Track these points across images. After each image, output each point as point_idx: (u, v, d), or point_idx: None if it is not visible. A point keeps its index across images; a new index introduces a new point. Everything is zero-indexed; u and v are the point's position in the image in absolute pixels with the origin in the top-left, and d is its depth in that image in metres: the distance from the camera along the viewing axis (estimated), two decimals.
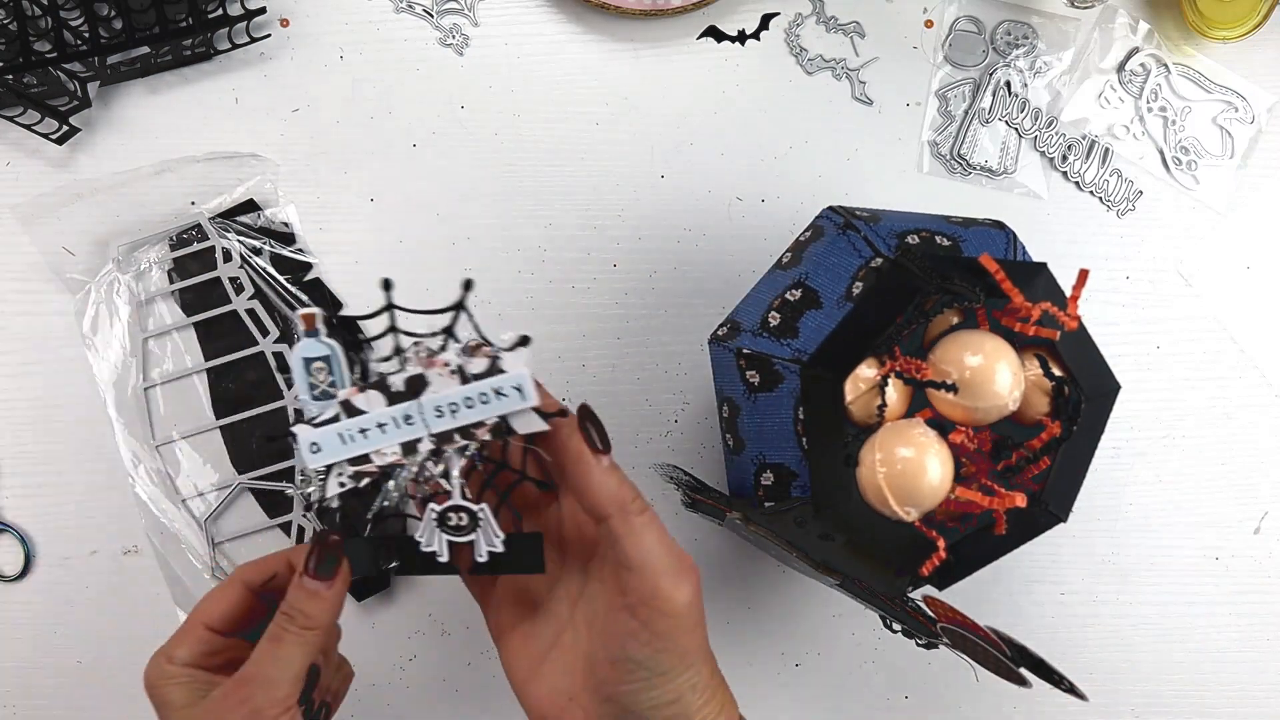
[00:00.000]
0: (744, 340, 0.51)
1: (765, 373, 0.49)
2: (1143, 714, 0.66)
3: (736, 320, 0.53)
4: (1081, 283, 0.46)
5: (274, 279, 0.63)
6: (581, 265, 0.65)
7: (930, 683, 0.66)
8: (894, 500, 0.45)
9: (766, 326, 0.50)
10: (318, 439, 0.45)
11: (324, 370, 0.46)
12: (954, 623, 0.47)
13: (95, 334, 0.63)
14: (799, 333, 0.49)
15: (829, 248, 0.51)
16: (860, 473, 0.46)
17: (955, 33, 0.66)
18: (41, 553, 0.64)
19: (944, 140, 0.66)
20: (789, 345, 0.49)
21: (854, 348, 0.47)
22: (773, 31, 0.66)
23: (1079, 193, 0.66)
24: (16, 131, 0.62)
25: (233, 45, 0.63)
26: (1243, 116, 0.66)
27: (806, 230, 0.54)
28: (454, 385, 0.44)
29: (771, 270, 0.54)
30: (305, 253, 0.64)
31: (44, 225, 0.63)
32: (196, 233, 0.63)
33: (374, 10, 0.65)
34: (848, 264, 0.50)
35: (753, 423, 0.50)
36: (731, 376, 0.51)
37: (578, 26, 0.65)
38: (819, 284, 0.50)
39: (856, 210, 0.53)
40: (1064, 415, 0.48)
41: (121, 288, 0.63)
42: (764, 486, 0.50)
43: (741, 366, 0.50)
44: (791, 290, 0.50)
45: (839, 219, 0.52)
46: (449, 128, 0.65)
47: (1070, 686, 0.47)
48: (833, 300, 0.49)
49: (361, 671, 0.65)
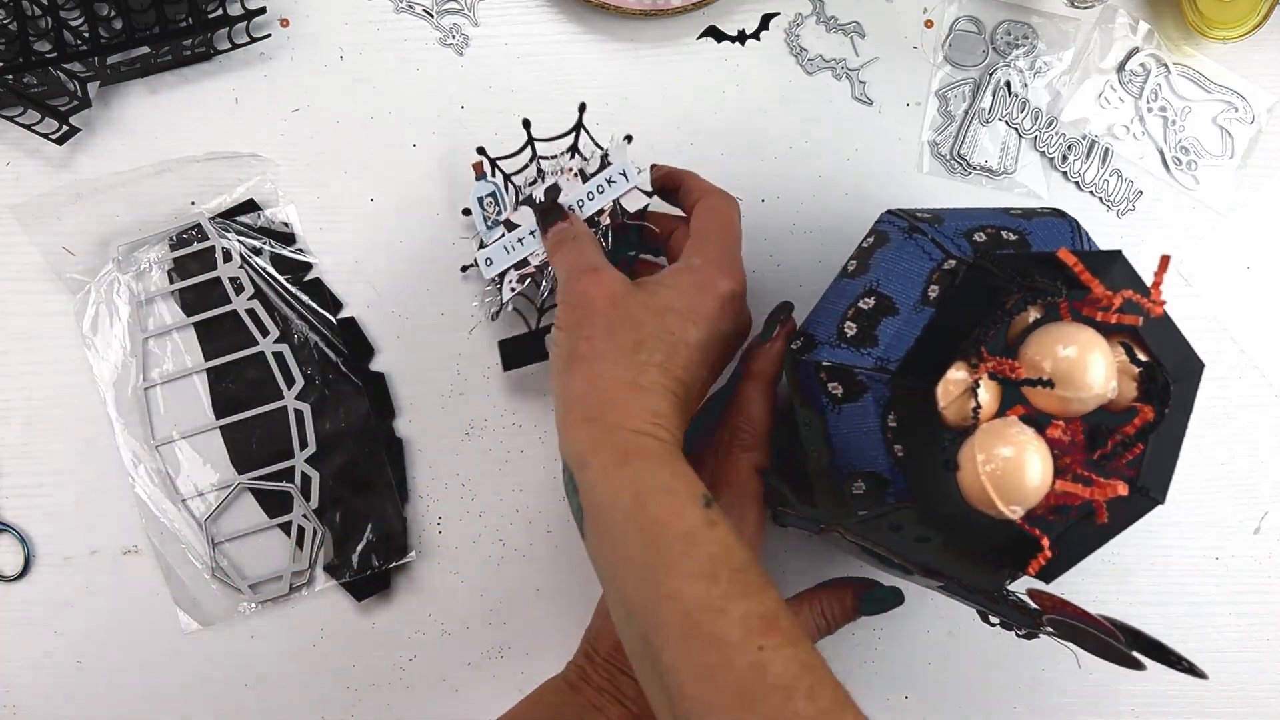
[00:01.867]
0: (822, 353, 0.51)
1: (848, 384, 0.50)
2: (1143, 714, 0.66)
3: (810, 333, 0.53)
4: (1163, 268, 0.46)
5: (274, 279, 0.63)
6: None
7: (930, 683, 0.66)
8: (999, 500, 0.45)
9: (844, 337, 0.51)
10: (490, 255, 0.59)
11: (492, 203, 0.59)
12: (1062, 612, 0.47)
13: (95, 334, 0.63)
14: (878, 341, 0.49)
15: (897, 253, 0.51)
16: (961, 475, 0.46)
17: (955, 33, 0.66)
18: (41, 552, 0.64)
19: (944, 140, 0.66)
20: (869, 354, 0.49)
21: (941, 353, 0.47)
22: (773, 31, 0.66)
23: (1079, 193, 0.66)
24: (16, 131, 0.62)
25: (233, 45, 0.63)
26: (1243, 116, 0.66)
27: (869, 236, 0.54)
28: (578, 185, 0.58)
29: (838, 279, 0.54)
30: (305, 252, 0.64)
31: (44, 225, 0.63)
32: (196, 233, 0.63)
33: (374, 10, 0.65)
34: (919, 268, 0.50)
35: (839, 434, 0.51)
36: (814, 389, 0.52)
37: (578, 26, 0.65)
38: (892, 290, 0.50)
39: (917, 212, 0.53)
40: (1154, 399, 0.48)
41: (121, 288, 0.63)
42: (855, 495, 0.50)
43: (823, 379, 0.51)
44: (864, 298, 0.51)
45: (902, 222, 0.52)
46: (449, 128, 0.65)
47: (1190, 666, 0.47)
48: (909, 305, 0.49)
49: (362, 671, 0.65)
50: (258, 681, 0.64)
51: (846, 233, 0.65)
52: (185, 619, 0.63)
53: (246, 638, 0.64)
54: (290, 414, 0.63)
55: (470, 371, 0.64)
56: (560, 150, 0.60)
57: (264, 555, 0.63)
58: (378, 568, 0.63)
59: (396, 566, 0.63)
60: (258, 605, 0.63)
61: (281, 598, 0.63)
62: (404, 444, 0.64)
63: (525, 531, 0.65)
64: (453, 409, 0.64)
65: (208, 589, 0.63)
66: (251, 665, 0.64)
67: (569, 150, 0.59)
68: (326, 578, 0.63)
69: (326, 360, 0.63)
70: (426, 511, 0.64)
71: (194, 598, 0.63)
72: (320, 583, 0.63)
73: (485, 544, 0.65)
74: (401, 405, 0.64)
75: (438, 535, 0.64)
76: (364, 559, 0.63)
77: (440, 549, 0.65)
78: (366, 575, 0.63)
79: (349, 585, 0.63)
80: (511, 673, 0.64)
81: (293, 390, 0.63)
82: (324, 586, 0.63)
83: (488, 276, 0.60)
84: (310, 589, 0.63)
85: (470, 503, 0.65)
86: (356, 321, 0.64)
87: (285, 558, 0.63)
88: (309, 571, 0.63)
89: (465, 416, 0.65)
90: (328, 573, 0.63)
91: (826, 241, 0.65)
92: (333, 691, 0.64)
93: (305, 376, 0.63)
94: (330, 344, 0.63)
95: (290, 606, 0.64)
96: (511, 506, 0.65)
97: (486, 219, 0.59)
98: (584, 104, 0.59)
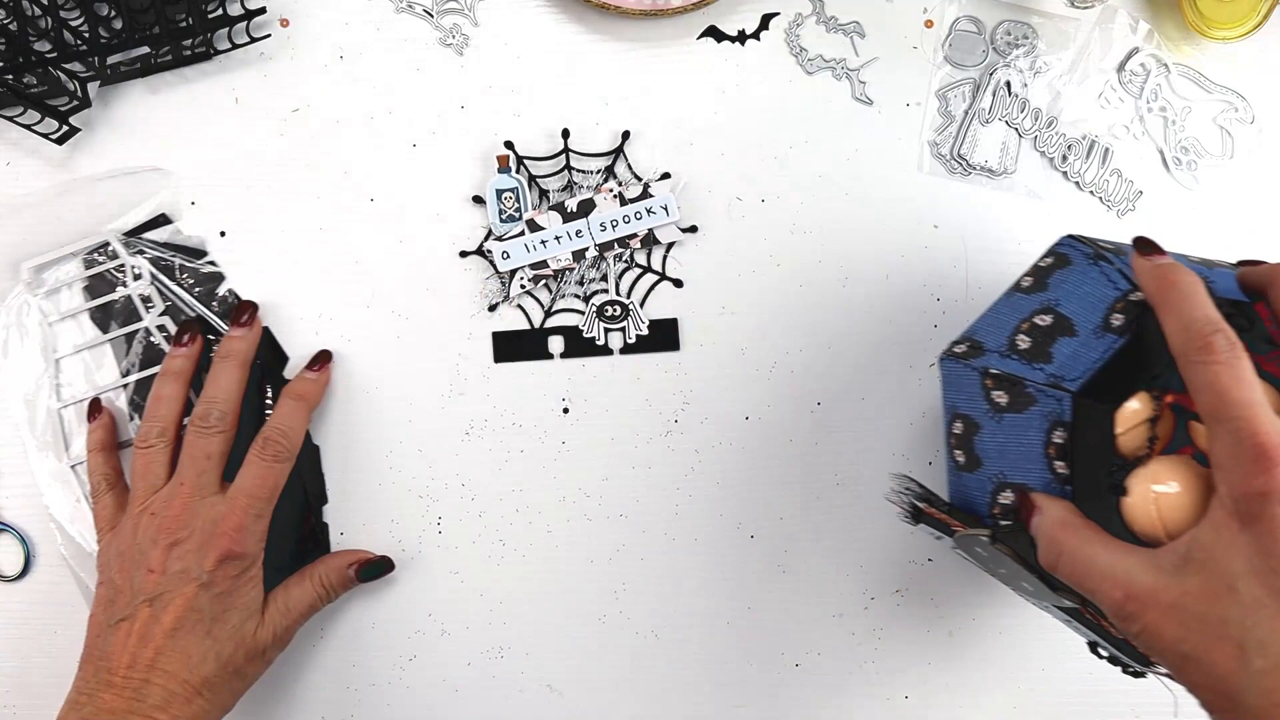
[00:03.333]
0: (990, 360, 0.52)
1: (1015, 394, 0.50)
2: (1143, 714, 0.66)
3: (976, 340, 0.54)
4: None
5: (181, 294, 0.63)
6: None
7: (930, 683, 0.66)
8: (1165, 532, 0.46)
9: (1015, 349, 0.51)
10: (507, 248, 0.62)
11: (512, 199, 0.62)
12: None
13: (5, 356, 0.63)
14: (1052, 358, 0.50)
15: (1081, 277, 0.52)
16: (1129, 502, 0.47)
17: (955, 33, 0.66)
18: (41, 552, 0.64)
19: (944, 140, 0.66)
20: (1042, 369, 0.50)
21: (1126, 380, 0.48)
22: (773, 31, 0.66)
23: (1079, 193, 0.66)
24: (16, 131, 0.62)
25: (233, 45, 0.63)
26: (1243, 116, 0.66)
27: (1047, 257, 0.55)
28: (615, 206, 0.62)
29: (1010, 293, 0.55)
30: (216, 264, 0.64)
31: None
32: (106, 250, 0.63)
33: (374, 10, 0.65)
34: (1102, 294, 0.50)
35: (995, 442, 0.51)
36: (972, 394, 0.52)
37: (578, 26, 0.65)
38: (1071, 311, 0.51)
39: (1100, 241, 0.54)
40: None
41: (32, 309, 0.63)
42: (1001, 505, 0.51)
43: (988, 386, 0.51)
44: (1040, 315, 0.52)
45: (1086, 249, 0.53)
46: (449, 128, 0.65)
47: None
48: (1088, 329, 0.50)
49: (362, 671, 0.65)
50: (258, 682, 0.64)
51: (847, 233, 0.65)
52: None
53: None
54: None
55: (470, 371, 0.64)
56: (595, 169, 0.63)
57: None
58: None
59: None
60: None
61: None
62: (319, 450, 0.64)
63: (525, 531, 0.65)
64: (453, 409, 0.64)
65: None
66: None
67: (603, 171, 0.63)
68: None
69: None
70: (426, 511, 0.65)
71: None
72: None
73: (485, 544, 0.65)
74: (401, 405, 0.64)
75: (438, 535, 0.65)
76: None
77: (440, 549, 0.65)
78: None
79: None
80: (511, 673, 0.64)
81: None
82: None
83: (504, 269, 0.62)
84: None
85: (470, 503, 0.65)
86: (270, 331, 0.64)
87: None
88: None
89: (465, 416, 0.65)
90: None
91: (826, 241, 0.65)
92: (333, 691, 0.64)
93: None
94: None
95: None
96: (511, 506, 0.65)
97: (502, 213, 0.62)
98: (628, 132, 0.63)
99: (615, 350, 0.64)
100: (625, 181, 0.63)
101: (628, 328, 0.64)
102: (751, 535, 0.65)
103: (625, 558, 0.65)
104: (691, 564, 0.65)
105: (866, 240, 0.65)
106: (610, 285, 0.64)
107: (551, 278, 0.63)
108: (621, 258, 0.64)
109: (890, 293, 0.65)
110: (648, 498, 0.65)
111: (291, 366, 0.64)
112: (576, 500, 0.65)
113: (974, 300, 0.65)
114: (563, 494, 0.64)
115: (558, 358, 0.64)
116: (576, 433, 0.65)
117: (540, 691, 0.64)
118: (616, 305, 0.63)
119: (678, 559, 0.65)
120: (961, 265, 0.65)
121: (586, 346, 0.64)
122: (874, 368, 0.65)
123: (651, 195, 0.63)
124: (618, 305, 0.63)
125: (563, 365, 0.65)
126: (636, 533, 0.65)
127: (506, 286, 0.63)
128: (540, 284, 0.63)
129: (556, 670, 0.64)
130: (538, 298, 0.64)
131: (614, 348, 0.64)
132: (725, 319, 0.65)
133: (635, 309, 0.64)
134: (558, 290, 0.63)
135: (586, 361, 0.65)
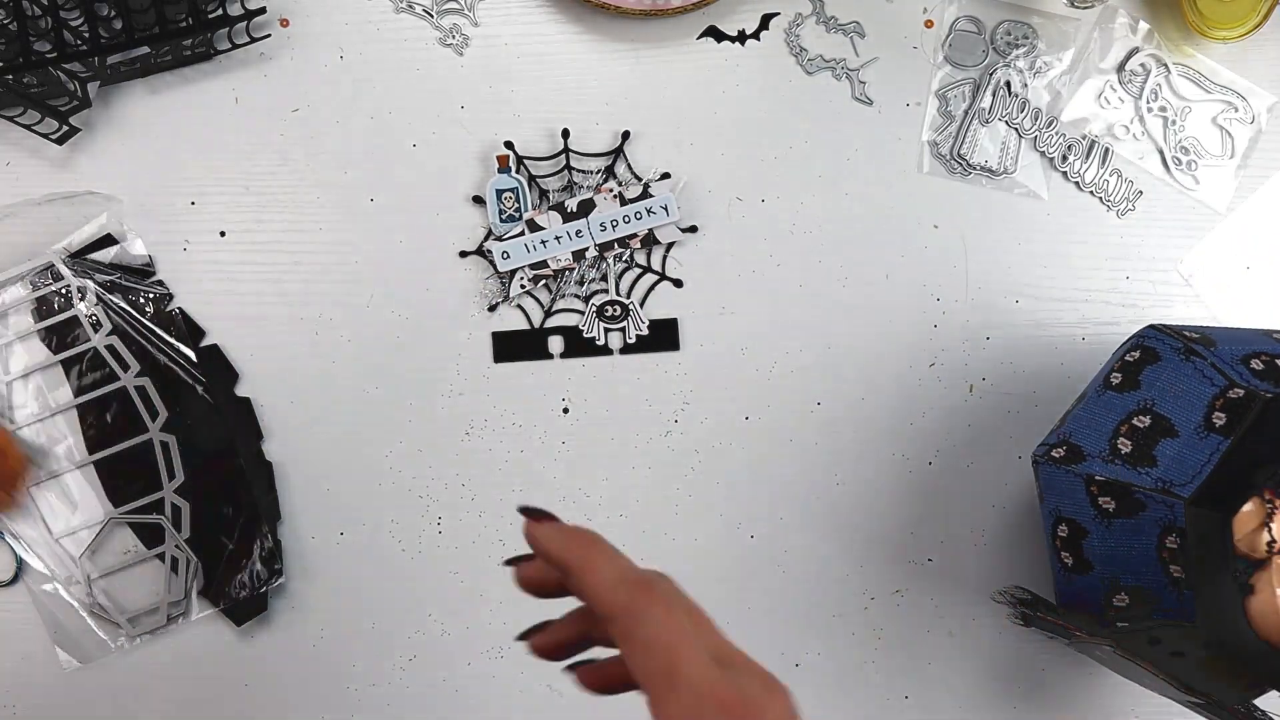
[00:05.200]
0: (1094, 466, 0.52)
1: (1123, 500, 0.50)
2: (1143, 714, 0.66)
3: (1074, 443, 0.54)
4: None
5: (130, 313, 0.63)
6: None
7: (930, 683, 0.66)
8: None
9: (1117, 453, 0.51)
10: (507, 248, 0.62)
11: (512, 199, 0.62)
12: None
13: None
14: (1157, 461, 0.50)
15: (1175, 374, 0.52)
16: (1254, 602, 0.48)
17: (955, 33, 0.66)
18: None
19: (944, 140, 0.66)
20: (1148, 474, 0.50)
21: (1239, 484, 0.48)
22: (773, 31, 0.66)
23: (1079, 193, 0.66)
24: (16, 131, 0.62)
25: (233, 45, 0.63)
26: (1243, 116, 0.66)
27: (1134, 350, 0.54)
28: (615, 206, 0.62)
29: (1100, 391, 0.55)
30: (163, 284, 0.63)
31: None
32: (52, 273, 0.63)
33: (374, 10, 0.65)
34: (1199, 391, 0.51)
35: (1105, 547, 0.52)
36: (1077, 500, 0.53)
37: (578, 26, 0.65)
38: (1169, 411, 0.51)
39: (1184, 330, 0.54)
40: None
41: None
42: (1116, 607, 0.52)
43: (1093, 493, 0.51)
44: (1138, 416, 0.52)
45: (1176, 343, 0.53)
46: (449, 128, 0.65)
47: None
48: (1189, 429, 0.50)
49: (362, 671, 0.65)
50: (258, 682, 0.64)
51: (846, 233, 0.65)
52: (64, 656, 0.63)
53: (247, 638, 0.64)
54: (156, 446, 0.62)
55: (470, 371, 0.64)
56: (595, 169, 0.63)
57: (147, 587, 0.63)
58: (254, 590, 0.63)
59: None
60: (138, 639, 0.63)
61: (160, 629, 0.63)
62: (273, 467, 0.64)
63: None
64: (453, 409, 0.64)
65: (85, 627, 0.63)
66: (252, 666, 0.64)
67: (603, 171, 0.63)
68: (203, 605, 0.63)
69: (189, 390, 0.63)
70: (426, 511, 0.65)
71: (73, 637, 0.63)
72: (196, 611, 0.63)
73: (485, 544, 0.65)
74: (401, 406, 0.64)
75: (438, 535, 0.64)
76: (238, 584, 0.62)
77: (440, 549, 0.65)
78: (242, 600, 0.63)
79: (227, 611, 0.63)
80: (511, 673, 0.64)
81: (157, 423, 0.62)
82: (200, 615, 0.63)
83: (504, 269, 0.62)
84: (187, 619, 0.63)
85: (470, 503, 0.65)
86: (219, 349, 0.64)
87: (161, 589, 0.63)
88: (184, 601, 0.63)
89: (465, 416, 0.65)
90: (205, 599, 0.63)
91: (826, 241, 0.65)
92: (333, 691, 0.64)
93: (170, 408, 0.62)
94: (189, 374, 0.63)
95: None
96: (511, 506, 0.65)
97: (502, 213, 0.62)
98: (628, 132, 0.63)
99: (615, 350, 0.64)
100: (625, 181, 0.63)
101: (628, 328, 0.64)
102: (751, 535, 0.65)
103: None
104: (691, 564, 0.64)
105: (866, 240, 0.65)
106: (610, 285, 0.64)
107: (551, 278, 0.63)
108: (621, 258, 0.64)
109: (890, 293, 0.65)
110: (648, 498, 0.65)
111: (243, 385, 0.64)
112: (576, 500, 0.65)
113: (974, 300, 0.65)
114: (563, 494, 0.64)
115: (558, 358, 0.64)
116: (576, 433, 0.65)
117: (540, 691, 0.64)
118: (616, 305, 0.63)
119: (677, 559, 0.65)
120: (961, 265, 0.65)
121: (586, 346, 0.64)
122: (874, 368, 0.65)
123: (651, 195, 0.63)
124: (618, 305, 0.63)
125: (563, 365, 0.65)
126: (636, 533, 0.65)
127: (506, 286, 0.63)
128: (540, 284, 0.63)
129: (556, 670, 0.64)
130: (537, 298, 0.64)
131: (614, 348, 0.64)
132: (725, 319, 0.65)
133: (635, 309, 0.64)
134: (557, 290, 0.63)
135: (586, 361, 0.65)
